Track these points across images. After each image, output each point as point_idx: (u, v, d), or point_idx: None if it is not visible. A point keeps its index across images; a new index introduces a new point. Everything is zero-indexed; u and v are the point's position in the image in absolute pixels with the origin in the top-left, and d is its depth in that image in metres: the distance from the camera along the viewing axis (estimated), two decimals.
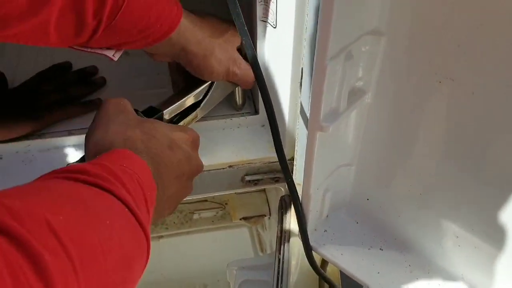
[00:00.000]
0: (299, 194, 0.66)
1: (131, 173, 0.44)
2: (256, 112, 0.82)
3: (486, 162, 0.53)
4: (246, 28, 0.58)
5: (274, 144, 0.62)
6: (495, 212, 0.55)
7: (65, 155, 0.77)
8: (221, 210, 1.52)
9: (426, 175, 0.60)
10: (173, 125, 0.59)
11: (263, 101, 0.61)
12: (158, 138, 0.53)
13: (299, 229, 0.66)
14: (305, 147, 0.61)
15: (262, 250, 1.42)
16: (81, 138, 0.77)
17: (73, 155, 0.77)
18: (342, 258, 0.68)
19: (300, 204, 0.65)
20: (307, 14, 0.55)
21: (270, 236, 1.25)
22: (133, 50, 0.66)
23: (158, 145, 0.52)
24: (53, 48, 0.66)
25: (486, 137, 0.51)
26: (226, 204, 1.53)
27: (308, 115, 0.59)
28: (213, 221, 1.52)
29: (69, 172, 0.41)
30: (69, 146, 0.78)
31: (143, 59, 0.81)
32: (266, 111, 0.62)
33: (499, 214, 0.54)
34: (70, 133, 0.78)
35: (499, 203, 0.54)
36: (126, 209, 0.40)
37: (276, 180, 0.81)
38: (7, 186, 0.71)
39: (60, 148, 0.77)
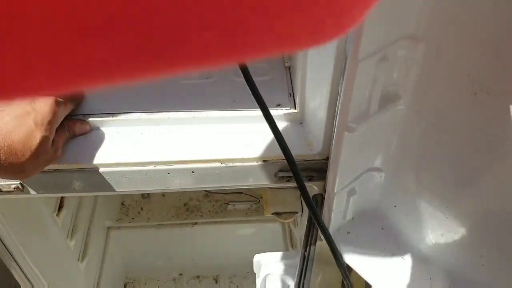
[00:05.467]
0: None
1: None
2: (295, 108, 0.80)
3: None
4: None
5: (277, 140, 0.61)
6: None
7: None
8: (255, 203, 1.53)
9: (459, 187, 0.58)
10: None
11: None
12: None
13: (319, 227, 0.65)
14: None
15: (292, 246, 1.42)
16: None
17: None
18: (361, 262, 0.67)
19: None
20: None
21: (301, 233, 1.24)
22: None
23: None
24: None
25: None
26: (261, 197, 1.54)
27: None
28: (246, 214, 1.53)
29: None
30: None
31: None
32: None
33: None
34: None
35: None
36: None
37: (310, 179, 0.81)
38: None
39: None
